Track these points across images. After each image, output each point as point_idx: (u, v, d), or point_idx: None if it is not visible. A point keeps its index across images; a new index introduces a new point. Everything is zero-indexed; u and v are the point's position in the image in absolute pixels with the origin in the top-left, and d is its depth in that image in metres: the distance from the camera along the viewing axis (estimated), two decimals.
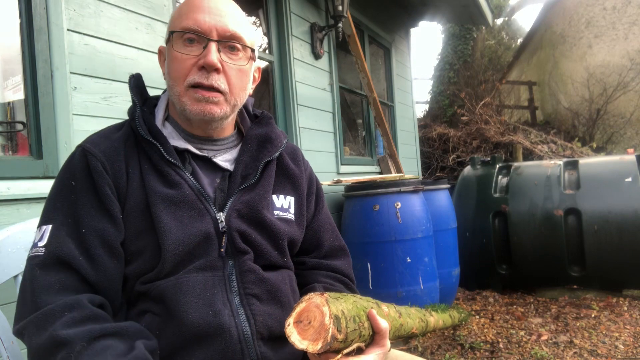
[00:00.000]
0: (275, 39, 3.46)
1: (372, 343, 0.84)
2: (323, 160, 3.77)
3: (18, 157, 1.74)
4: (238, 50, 0.95)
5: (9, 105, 1.81)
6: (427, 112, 10.00)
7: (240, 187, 0.97)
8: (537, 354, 2.74)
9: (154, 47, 2.18)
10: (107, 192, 0.88)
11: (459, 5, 5.71)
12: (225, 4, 0.96)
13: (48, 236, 0.85)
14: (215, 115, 0.94)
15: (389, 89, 5.57)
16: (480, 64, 9.65)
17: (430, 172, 7.21)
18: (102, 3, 1.98)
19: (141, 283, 0.88)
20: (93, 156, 0.91)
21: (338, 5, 3.63)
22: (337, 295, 0.79)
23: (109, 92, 1.99)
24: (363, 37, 4.81)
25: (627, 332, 3.02)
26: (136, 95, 1.01)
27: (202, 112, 0.92)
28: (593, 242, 3.59)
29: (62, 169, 0.94)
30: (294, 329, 0.73)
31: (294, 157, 1.11)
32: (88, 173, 0.90)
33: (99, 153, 0.91)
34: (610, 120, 8.38)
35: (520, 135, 7.43)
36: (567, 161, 4.01)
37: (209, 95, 0.92)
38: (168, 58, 0.96)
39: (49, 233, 0.85)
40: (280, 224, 0.99)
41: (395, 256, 3.10)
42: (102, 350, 0.75)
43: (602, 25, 8.74)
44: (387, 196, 3.14)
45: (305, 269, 1.07)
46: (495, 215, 3.99)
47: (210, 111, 0.93)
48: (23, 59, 1.73)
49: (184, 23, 0.92)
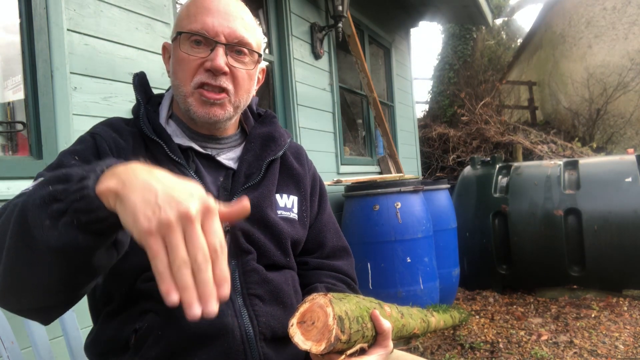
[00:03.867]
0: (275, 39, 3.46)
1: (375, 344, 0.84)
2: (323, 160, 3.76)
3: (18, 157, 1.74)
4: (245, 55, 0.95)
5: (9, 105, 1.80)
6: (427, 112, 9.99)
7: (244, 186, 0.97)
8: (537, 354, 2.73)
9: (154, 47, 2.18)
10: None
11: (459, 5, 5.71)
12: (234, 6, 0.95)
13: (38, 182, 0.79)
14: (220, 118, 0.94)
15: (389, 89, 5.57)
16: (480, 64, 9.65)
17: (430, 172, 7.21)
18: (102, 3, 1.98)
19: (143, 281, 0.88)
20: (103, 139, 0.90)
21: (338, 5, 3.63)
22: (341, 296, 0.79)
23: (109, 92, 1.98)
24: (363, 37, 4.80)
25: (627, 332, 3.02)
26: (140, 93, 1.00)
27: (207, 115, 0.93)
28: (593, 242, 3.59)
29: (64, 150, 0.91)
30: (297, 330, 0.73)
31: (298, 157, 1.11)
32: (96, 152, 0.89)
33: (109, 139, 0.91)
34: (610, 120, 8.38)
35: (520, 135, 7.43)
36: (567, 161, 4.01)
37: (215, 97, 0.92)
38: (174, 58, 0.96)
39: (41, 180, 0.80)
40: (283, 224, 0.98)
41: (395, 256, 3.09)
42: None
43: (602, 25, 8.74)
44: (387, 196, 3.14)
45: (308, 269, 1.06)
46: (495, 215, 3.99)
47: (215, 113, 0.93)
48: (23, 59, 1.73)
49: (192, 25, 0.91)
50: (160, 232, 0.54)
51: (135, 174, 0.60)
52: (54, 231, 0.60)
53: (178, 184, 0.59)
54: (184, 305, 0.53)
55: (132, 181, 0.58)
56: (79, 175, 0.62)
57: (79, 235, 0.60)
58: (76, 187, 0.61)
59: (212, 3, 0.93)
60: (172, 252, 0.54)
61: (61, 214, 0.61)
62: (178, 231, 0.55)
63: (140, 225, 0.55)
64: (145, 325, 0.86)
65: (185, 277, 0.53)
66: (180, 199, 0.56)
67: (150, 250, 0.54)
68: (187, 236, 0.55)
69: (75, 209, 0.60)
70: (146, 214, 0.55)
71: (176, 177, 0.61)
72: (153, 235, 0.54)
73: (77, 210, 0.60)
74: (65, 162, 0.86)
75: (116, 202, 0.58)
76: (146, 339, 0.86)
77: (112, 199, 0.59)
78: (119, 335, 0.88)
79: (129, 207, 0.56)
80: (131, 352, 0.86)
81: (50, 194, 0.62)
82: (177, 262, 0.53)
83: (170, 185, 0.58)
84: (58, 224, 0.60)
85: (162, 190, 0.57)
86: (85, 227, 0.60)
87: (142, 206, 0.55)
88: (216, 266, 0.55)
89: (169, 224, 0.54)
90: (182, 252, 0.54)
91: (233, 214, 0.61)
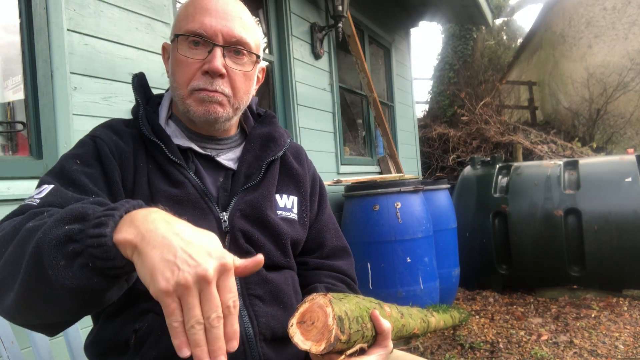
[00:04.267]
0: (275, 39, 3.46)
1: (375, 344, 0.84)
2: (323, 160, 3.76)
3: (18, 157, 1.74)
4: (243, 55, 0.94)
5: (9, 105, 1.80)
6: (427, 112, 9.99)
7: (244, 186, 0.97)
8: (537, 354, 2.73)
9: (154, 47, 2.18)
10: (116, 178, 0.88)
11: (459, 5, 5.71)
12: (233, 5, 0.95)
13: (46, 192, 0.79)
14: (219, 116, 0.93)
15: (389, 89, 5.57)
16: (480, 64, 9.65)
17: (430, 172, 7.21)
18: (102, 3, 1.98)
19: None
20: (104, 142, 0.90)
21: (338, 5, 3.63)
22: (341, 296, 0.79)
23: (109, 92, 1.98)
24: (363, 37, 4.81)
25: (627, 332, 3.02)
26: (140, 94, 1.00)
27: (206, 113, 0.92)
28: (593, 242, 3.59)
29: (65, 154, 0.91)
30: (297, 330, 0.73)
31: (298, 157, 1.11)
32: (97, 155, 0.89)
33: (110, 142, 0.91)
34: (610, 120, 8.38)
35: (520, 135, 7.43)
36: (567, 161, 4.01)
37: (213, 94, 0.91)
38: (172, 59, 0.96)
39: (48, 190, 0.80)
40: (283, 224, 0.98)
41: (395, 256, 3.09)
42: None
43: (602, 25, 8.74)
44: (387, 196, 3.14)
45: (308, 269, 1.06)
46: (495, 215, 3.99)
47: (214, 111, 0.92)
48: (23, 59, 1.73)
49: (190, 25, 0.91)
50: (177, 293, 0.56)
51: (155, 225, 0.60)
52: (69, 271, 0.61)
53: (196, 238, 0.60)
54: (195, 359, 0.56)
55: (151, 235, 0.59)
56: (96, 215, 0.63)
57: (94, 277, 0.61)
58: (93, 233, 0.61)
59: (210, 3, 0.92)
60: (188, 313, 0.56)
61: (76, 255, 0.61)
62: (195, 293, 0.57)
63: (159, 285, 0.56)
64: (145, 326, 0.86)
65: (197, 336, 0.56)
66: (198, 260, 0.57)
67: (166, 309, 0.56)
68: (203, 297, 0.57)
69: (91, 254, 0.60)
70: (165, 275, 0.56)
71: (194, 229, 0.63)
72: (170, 295, 0.56)
73: (93, 256, 0.60)
74: (67, 166, 0.86)
75: (134, 255, 0.60)
76: (146, 339, 0.86)
77: (130, 251, 0.60)
78: (119, 336, 0.88)
79: (147, 264, 0.58)
80: (131, 352, 0.86)
81: (66, 233, 0.62)
82: (192, 322, 0.56)
83: (189, 241, 0.59)
84: (73, 265, 0.61)
85: (180, 248, 0.58)
86: (101, 272, 0.61)
87: (161, 265, 0.57)
88: (227, 323, 0.58)
89: (187, 285, 0.56)
90: (197, 313, 0.56)
91: (248, 269, 0.63)
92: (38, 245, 0.63)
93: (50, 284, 0.62)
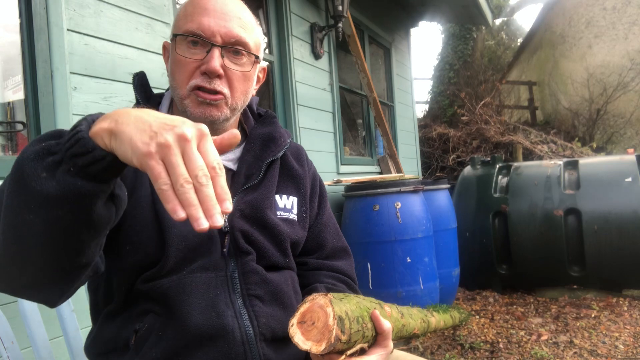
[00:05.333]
0: (275, 39, 3.46)
1: (375, 344, 0.84)
2: (323, 160, 3.76)
3: None
4: (242, 55, 0.93)
5: (9, 105, 1.80)
6: (427, 112, 9.99)
7: (244, 187, 0.97)
8: (537, 354, 2.74)
9: (154, 47, 2.18)
10: None
11: (459, 5, 5.71)
12: (232, 5, 0.94)
13: None
14: (215, 118, 0.93)
15: (389, 89, 5.57)
16: (480, 64, 9.64)
17: (430, 172, 7.21)
18: (102, 3, 1.98)
19: (143, 281, 0.88)
20: None
21: (338, 5, 3.63)
22: (341, 296, 0.79)
23: (109, 92, 1.98)
24: (363, 37, 4.80)
25: (627, 332, 3.02)
26: (140, 93, 1.00)
27: (202, 115, 0.92)
28: (593, 242, 3.59)
29: None
30: (297, 330, 0.73)
31: (298, 157, 1.10)
32: None
33: None
34: (610, 120, 8.38)
35: (520, 135, 7.43)
36: (567, 161, 4.01)
37: (210, 98, 0.91)
38: (171, 59, 0.95)
39: None
40: (283, 225, 0.98)
41: (395, 256, 3.09)
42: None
43: (602, 25, 8.74)
44: (387, 196, 3.14)
45: (308, 269, 1.06)
46: (495, 215, 3.99)
47: (210, 114, 0.92)
48: (23, 59, 1.73)
49: (188, 25, 0.91)
50: (160, 153, 0.56)
51: (127, 112, 0.61)
52: (52, 181, 0.61)
53: (170, 116, 0.61)
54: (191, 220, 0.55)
55: (124, 118, 0.60)
56: (70, 129, 0.64)
57: (77, 181, 0.61)
58: (69, 136, 0.62)
59: (209, 3, 0.92)
60: (173, 172, 0.55)
61: (57, 165, 0.61)
62: (177, 152, 0.56)
63: (139, 149, 0.56)
64: (145, 326, 0.86)
65: (188, 194, 0.55)
66: (174, 124, 0.58)
67: (152, 173, 0.56)
68: (186, 156, 0.56)
69: (71, 155, 0.60)
70: (143, 140, 0.57)
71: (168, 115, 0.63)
72: (153, 157, 0.56)
73: (73, 155, 0.60)
74: None
75: (111, 139, 0.60)
76: (146, 340, 0.86)
77: (107, 138, 0.60)
78: (119, 336, 0.88)
79: (125, 138, 0.58)
80: (131, 353, 0.86)
81: (43, 148, 0.63)
82: (180, 181, 0.55)
83: (162, 117, 0.60)
84: (55, 174, 0.61)
85: (155, 120, 0.59)
86: (83, 172, 0.61)
87: (139, 134, 0.57)
88: (216, 183, 0.57)
89: (167, 144, 0.56)
90: (182, 171, 0.55)
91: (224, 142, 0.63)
92: (18, 165, 0.63)
93: (34, 198, 0.61)
